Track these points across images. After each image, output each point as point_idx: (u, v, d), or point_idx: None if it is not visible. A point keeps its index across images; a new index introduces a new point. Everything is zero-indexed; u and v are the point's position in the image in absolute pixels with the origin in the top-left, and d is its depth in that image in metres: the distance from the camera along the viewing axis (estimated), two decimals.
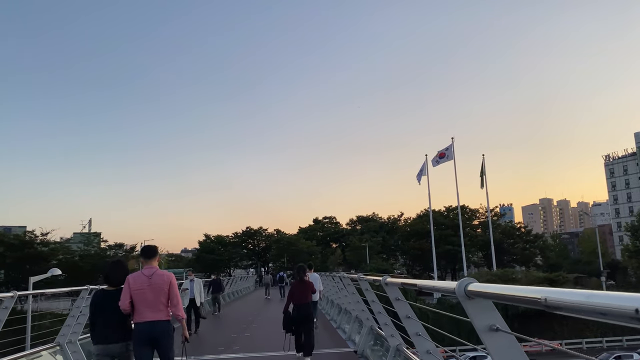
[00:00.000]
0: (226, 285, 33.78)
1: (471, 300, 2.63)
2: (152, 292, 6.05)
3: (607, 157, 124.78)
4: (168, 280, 6.22)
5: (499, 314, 2.62)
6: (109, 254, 64.45)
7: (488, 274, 56.98)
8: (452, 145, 59.51)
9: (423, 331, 5.16)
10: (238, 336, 14.46)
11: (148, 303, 6.02)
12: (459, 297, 2.68)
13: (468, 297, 2.63)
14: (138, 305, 6.02)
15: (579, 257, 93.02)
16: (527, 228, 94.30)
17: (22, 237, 57.88)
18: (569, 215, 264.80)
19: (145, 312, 6.00)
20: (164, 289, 6.13)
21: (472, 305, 2.64)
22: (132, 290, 6.02)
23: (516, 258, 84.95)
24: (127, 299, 5.99)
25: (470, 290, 2.59)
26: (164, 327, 6.10)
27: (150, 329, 5.99)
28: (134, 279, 6.12)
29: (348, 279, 10.47)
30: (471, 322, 2.65)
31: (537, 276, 58.78)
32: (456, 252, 76.90)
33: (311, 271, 16.16)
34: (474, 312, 2.62)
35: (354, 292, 9.96)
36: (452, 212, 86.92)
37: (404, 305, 5.30)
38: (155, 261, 6.49)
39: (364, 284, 7.76)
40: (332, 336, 13.71)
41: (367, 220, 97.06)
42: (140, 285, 6.04)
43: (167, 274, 6.36)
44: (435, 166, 58.37)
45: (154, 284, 6.09)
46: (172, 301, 6.20)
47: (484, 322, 2.59)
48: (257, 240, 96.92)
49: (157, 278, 6.14)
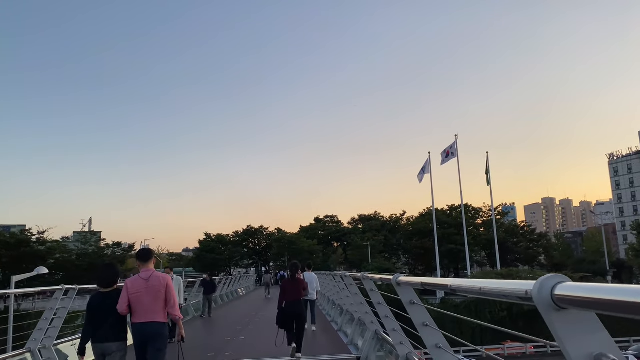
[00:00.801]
0: (225, 285, 32.80)
1: (562, 312, 1.59)
2: (149, 295, 6.30)
3: (611, 155, 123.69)
4: (164, 282, 6.45)
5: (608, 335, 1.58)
6: (107, 252, 63.39)
7: (492, 273, 55.87)
8: (456, 143, 58.47)
9: (444, 343, 4.20)
10: (232, 339, 13.49)
11: (145, 305, 6.26)
12: (540, 304, 1.66)
13: (558, 306, 1.58)
14: (136, 308, 6.28)
15: (583, 257, 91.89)
16: (531, 227, 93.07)
17: (18, 236, 56.76)
18: (571, 215, 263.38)
19: (143, 314, 6.26)
20: (161, 291, 6.38)
21: (564, 320, 1.60)
22: (130, 294, 6.28)
23: (520, 257, 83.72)
24: (125, 302, 6.26)
25: (562, 296, 1.53)
26: (159, 328, 6.34)
27: (146, 329, 6.25)
28: (132, 282, 6.39)
29: (350, 279, 9.52)
30: (559, 346, 1.61)
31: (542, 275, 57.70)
32: (459, 251, 75.81)
33: (309, 270, 15.99)
34: (567, 331, 1.59)
35: (357, 292, 9.09)
36: (455, 210, 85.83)
37: (420, 310, 4.27)
38: (151, 264, 6.69)
39: (369, 283, 6.85)
40: (333, 340, 12.81)
41: (369, 219, 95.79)
42: (138, 289, 6.30)
43: (163, 276, 6.58)
44: (444, 164, 57.32)
45: (151, 287, 6.34)
46: (169, 302, 6.43)
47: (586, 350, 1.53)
48: (257, 240, 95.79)
49: (154, 281, 6.40)
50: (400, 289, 4.34)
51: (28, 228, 61.11)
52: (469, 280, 2.79)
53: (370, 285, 6.75)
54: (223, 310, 24.65)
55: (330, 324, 15.90)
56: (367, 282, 6.87)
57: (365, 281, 6.94)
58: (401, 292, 4.36)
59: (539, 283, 1.67)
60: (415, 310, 4.26)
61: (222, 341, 13.11)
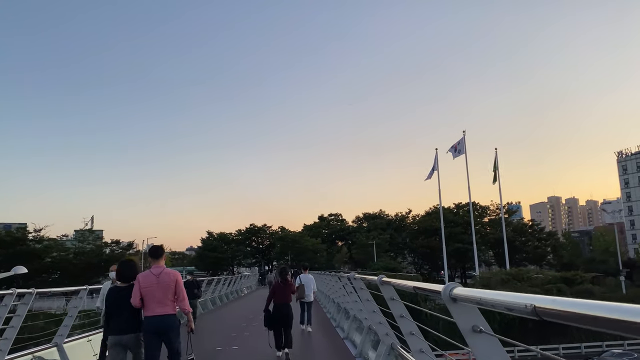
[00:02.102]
0: (224, 285, 31.21)
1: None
2: (160, 289, 6.63)
3: (619, 153, 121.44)
4: (174, 278, 6.83)
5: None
6: (105, 251, 61.81)
7: (502, 273, 54.06)
8: (464, 139, 56.75)
9: None
10: (223, 349, 11.92)
11: (156, 299, 6.60)
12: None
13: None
14: (148, 301, 6.61)
15: (593, 256, 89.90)
16: (540, 226, 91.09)
17: (14, 234, 55.15)
18: (577, 214, 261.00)
19: (154, 307, 6.59)
20: (171, 286, 6.72)
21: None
22: (142, 288, 6.61)
23: (528, 256, 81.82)
24: (137, 296, 6.59)
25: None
26: (170, 320, 6.70)
27: (158, 322, 6.58)
28: (143, 277, 6.70)
29: (360, 282, 7.95)
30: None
31: (553, 275, 55.76)
32: (466, 251, 74.15)
33: (306, 272, 15.90)
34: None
35: (368, 298, 7.55)
36: (462, 209, 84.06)
37: (486, 338, 2.85)
38: (162, 260, 7.05)
39: (389, 290, 5.49)
40: (340, 350, 11.33)
41: (373, 217, 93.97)
42: (149, 284, 6.63)
43: (173, 272, 6.94)
44: (456, 157, 55.65)
45: (161, 282, 6.67)
46: (179, 297, 6.81)
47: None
48: (261, 238, 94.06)
49: (164, 277, 6.74)
50: (454, 306, 2.96)
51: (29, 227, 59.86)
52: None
53: (390, 292, 5.42)
54: (218, 312, 23.62)
55: (336, 330, 14.64)
56: (386, 289, 5.49)
57: (383, 287, 5.54)
58: (456, 312, 3.00)
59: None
60: (476, 338, 2.88)
61: (212, 352, 11.70)
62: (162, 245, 7.51)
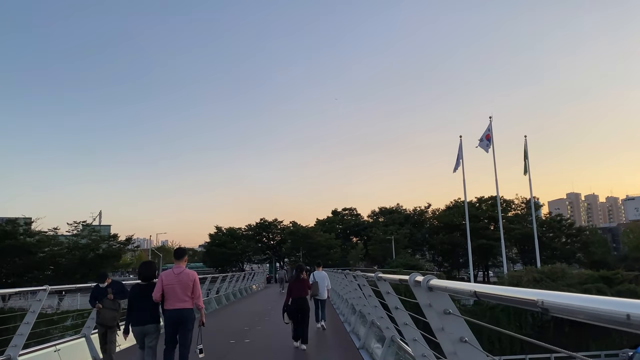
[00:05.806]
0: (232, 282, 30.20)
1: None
2: (180, 287, 7.84)
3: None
4: (192, 278, 8.02)
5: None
6: (102, 246, 57.55)
7: (534, 271, 48.92)
8: (491, 125, 51.60)
9: None
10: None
11: (176, 295, 7.82)
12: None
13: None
14: (168, 297, 7.85)
15: (626, 253, 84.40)
16: (569, 221, 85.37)
17: (3, 227, 50.95)
18: (597, 210, 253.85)
19: (174, 302, 7.81)
20: (189, 284, 7.92)
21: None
22: (164, 285, 7.85)
23: (556, 254, 76.31)
24: (159, 291, 7.85)
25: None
26: (188, 313, 7.95)
27: (177, 314, 7.80)
28: (166, 276, 7.96)
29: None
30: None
31: (591, 274, 50.58)
32: (491, 247, 69.88)
33: (320, 269, 16.04)
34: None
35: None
36: (485, 203, 78.91)
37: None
38: (183, 261, 8.22)
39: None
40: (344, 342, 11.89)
41: (390, 212, 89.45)
42: (170, 282, 7.86)
43: (192, 272, 8.09)
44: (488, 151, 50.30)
45: (181, 281, 7.88)
46: (195, 294, 7.99)
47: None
48: (271, 234, 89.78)
49: (183, 276, 7.93)
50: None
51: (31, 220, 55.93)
52: None
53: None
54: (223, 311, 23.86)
55: (343, 325, 15.37)
56: (381, 284, 5.81)
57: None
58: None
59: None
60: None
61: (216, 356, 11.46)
62: (185, 248, 9.21)
